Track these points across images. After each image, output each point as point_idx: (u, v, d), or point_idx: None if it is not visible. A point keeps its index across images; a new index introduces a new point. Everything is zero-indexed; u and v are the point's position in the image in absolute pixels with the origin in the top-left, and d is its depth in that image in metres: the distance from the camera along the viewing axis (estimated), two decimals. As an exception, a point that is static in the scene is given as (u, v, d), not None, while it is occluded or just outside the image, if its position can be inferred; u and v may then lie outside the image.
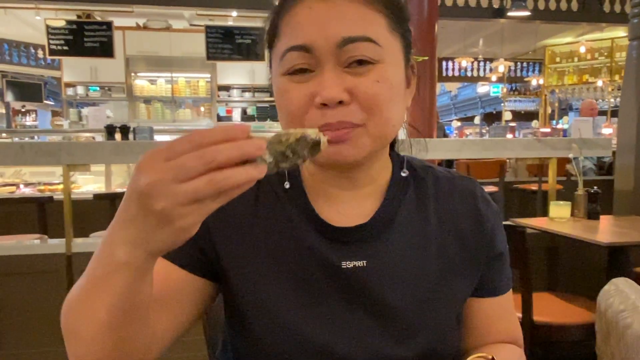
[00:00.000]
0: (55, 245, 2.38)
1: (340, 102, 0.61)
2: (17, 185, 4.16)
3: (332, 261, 0.68)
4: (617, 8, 7.16)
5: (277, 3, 0.67)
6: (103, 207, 3.07)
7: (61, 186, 3.92)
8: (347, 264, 0.68)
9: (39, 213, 2.87)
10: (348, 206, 0.71)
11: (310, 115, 0.62)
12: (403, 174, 0.73)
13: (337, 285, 0.68)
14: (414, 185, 0.73)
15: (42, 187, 4.09)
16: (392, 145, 0.77)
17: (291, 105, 0.63)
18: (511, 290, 0.78)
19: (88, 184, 4.30)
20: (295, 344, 0.66)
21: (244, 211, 0.71)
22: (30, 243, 2.57)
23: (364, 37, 0.61)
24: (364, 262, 0.68)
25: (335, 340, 0.67)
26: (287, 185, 0.72)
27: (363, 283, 0.68)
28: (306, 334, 0.66)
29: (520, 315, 1.92)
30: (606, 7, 7.20)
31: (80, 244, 2.36)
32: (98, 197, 3.19)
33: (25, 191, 4.06)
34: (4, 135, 5.88)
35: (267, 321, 0.67)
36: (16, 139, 5.54)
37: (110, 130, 3.39)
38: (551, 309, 2.03)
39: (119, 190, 4.06)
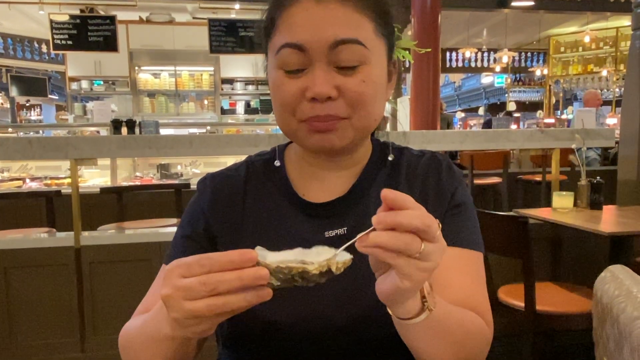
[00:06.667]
0: (63, 238, 2.41)
1: (329, 98, 0.67)
2: (23, 179, 4.20)
3: (316, 234, 0.73)
4: (622, -3, 7.10)
5: None
6: (110, 200, 3.10)
7: (67, 180, 3.96)
8: (330, 233, 0.74)
9: (47, 207, 2.90)
10: (331, 184, 0.78)
11: (301, 107, 0.69)
12: (390, 158, 0.80)
13: None
14: (390, 163, 0.80)
15: (48, 182, 4.13)
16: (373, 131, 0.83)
17: (285, 98, 0.69)
18: (479, 256, 0.75)
19: (94, 177, 4.35)
20: (283, 314, 0.70)
21: (236, 190, 0.79)
22: (39, 236, 2.60)
23: (353, 40, 0.67)
24: (345, 229, 0.73)
25: (319, 302, 0.70)
26: (277, 163, 0.80)
27: None
28: (291, 305, 0.70)
29: (523, 304, 1.95)
30: (611, -4, 7.15)
31: (88, 237, 2.39)
32: (105, 190, 3.22)
33: (32, 185, 4.09)
34: (9, 130, 5.91)
35: None
36: (21, 134, 5.59)
37: (116, 125, 3.42)
38: (554, 299, 2.05)
39: (124, 184, 4.11)
